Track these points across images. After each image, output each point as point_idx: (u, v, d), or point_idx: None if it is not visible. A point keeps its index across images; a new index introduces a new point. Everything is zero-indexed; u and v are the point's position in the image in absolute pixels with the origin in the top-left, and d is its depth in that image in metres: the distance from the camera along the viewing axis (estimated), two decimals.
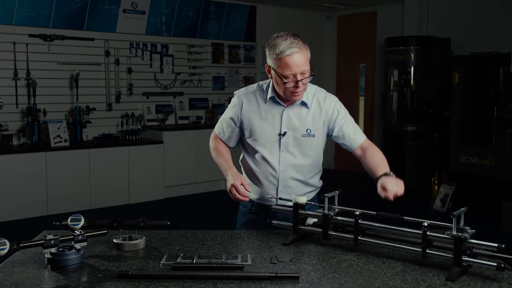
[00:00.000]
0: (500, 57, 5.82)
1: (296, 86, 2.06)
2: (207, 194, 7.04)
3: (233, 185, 2.09)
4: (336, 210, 1.96)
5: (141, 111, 6.94)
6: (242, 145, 2.35)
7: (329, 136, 2.29)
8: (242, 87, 2.41)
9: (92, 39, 6.46)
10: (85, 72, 6.35)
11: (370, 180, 2.56)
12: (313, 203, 2.21)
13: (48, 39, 6.11)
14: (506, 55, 5.76)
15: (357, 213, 1.85)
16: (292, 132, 2.19)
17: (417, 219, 1.76)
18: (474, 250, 1.63)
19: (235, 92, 2.33)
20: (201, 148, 6.96)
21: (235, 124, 2.28)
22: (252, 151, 2.26)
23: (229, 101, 2.41)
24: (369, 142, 2.29)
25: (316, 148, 2.26)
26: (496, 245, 1.60)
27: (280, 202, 2.19)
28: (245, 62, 7.99)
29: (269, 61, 2.10)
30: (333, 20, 8.91)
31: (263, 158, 2.23)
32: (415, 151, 6.88)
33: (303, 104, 2.20)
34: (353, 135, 2.24)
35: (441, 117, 6.67)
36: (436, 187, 6.42)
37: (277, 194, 2.24)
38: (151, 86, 7.07)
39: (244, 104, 2.24)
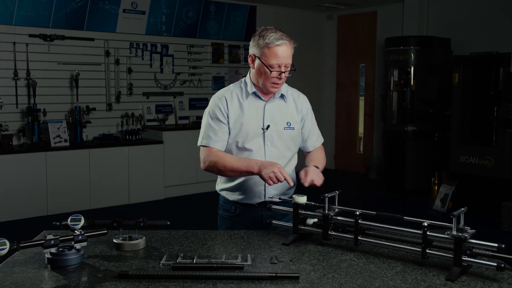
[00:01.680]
0: (500, 57, 5.82)
1: (279, 77, 2.15)
2: (207, 194, 7.03)
3: (277, 167, 2.04)
4: (336, 210, 1.96)
5: (141, 111, 6.94)
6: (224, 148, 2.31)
7: None
8: None
9: (92, 39, 6.46)
10: (85, 72, 6.36)
11: (370, 180, 2.56)
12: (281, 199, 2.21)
13: (48, 39, 6.11)
14: (506, 55, 5.76)
15: (357, 213, 1.85)
16: (275, 125, 2.26)
17: (417, 219, 1.76)
18: (474, 250, 1.63)
19: (213, 96, 2.31)
20: None
21: (225, 119, 2.23)
22: (237, 148, 2.25)
23: None
24: (321, 147, 2.48)
25: (295, 141, 2.34)
26: (496, 245, 1.60)
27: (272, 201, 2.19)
28: (245, 62, 7.98)
29: (255, 50, 2.18)
30: (333, 20, 8.91)
31: (249, 153, 2.24)
32: (415, 151, 6.88)
33: (281, 97, 2.30)
34: (315, 139, 2.43)
35: (441, 117, 6.67)
36: (436, 187, 6.42)
37: (264, 189, 2.25)
38: (151, 86, 7.08)
39: (228, 101, 2.25)
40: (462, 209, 1.69)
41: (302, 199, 1.99)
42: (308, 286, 1.55)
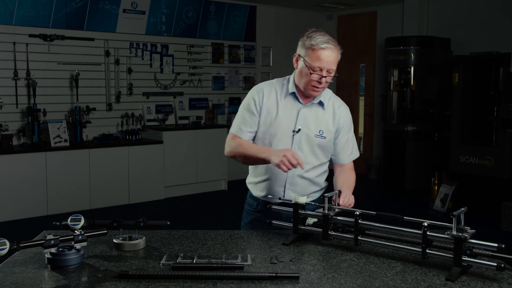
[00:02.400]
0: (500, 57, 5.82)
1: (319, 81, 2.11)
2: (207, 194, 7.04)
3: (290, 151, 2.01)
4: (336, 210, 1.96)
5: (141, 111, 6.94)
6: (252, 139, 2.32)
7: None
8: (242, 87, 2.43)
9: (92, 39, 6.46)
10: (85, 72, 6.35)
11: (370, 180, 2.56)
12: (313, 203, 2.20)
13: (48, 39, 6.11)
14: (506, 55, 5.76)
15: (357, 213, 1.85)
16: (306, 130, 2.22)
17: (417, 219, 1.76)
18: (474, 250, 1.63)
19: (253, 92, 2.29)
20: (201, 148, 6.97)
21: (257, 113, 2.23)
22: (263, 145, 2.25)
23: (229, 101, 2.42)
24: (352, 166, 2.40)
25: (325, 150, 2.29)
26: (496, 245, 1.60)
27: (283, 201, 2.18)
28: (245, 62, 7.98)
29: (300, 50, 2.15)
30: (333, 20, 8.90)
31: None
32: (415, 151, 6.88)
33: (320, 104, 2.25)
34: (348, 154, 2.35)
35: (441, 117, 6.67)
36: (436, 187, 6.42)
37: (284, 191, 2.25)
38: (151, 86, 7.07)
39: (265, 95, 2.24)
40: (462, 209, 1.69)
41: (302, 199, 1.99)
42: (308, 286, 1.55)
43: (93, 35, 6.46)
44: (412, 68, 6.88)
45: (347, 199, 2.10)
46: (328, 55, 2.08)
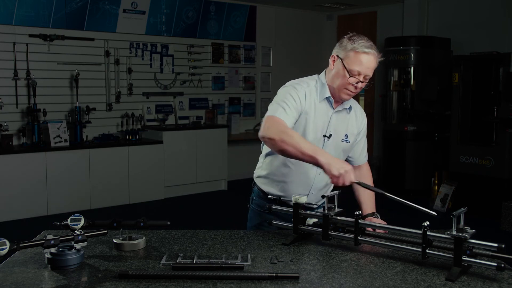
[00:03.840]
0: (500, 57, 5.82)
1: (355, 85, 2.08)
2: (207, 194, 7.04)
3: (350, 169, 1.89)
4: (336, 210, 1.96)
5: (141, 111, 6.94)
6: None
7: None
8: (242, 87, 2.41)
9: (92, 39, 6.46)
10: (85, 72, 6.35)
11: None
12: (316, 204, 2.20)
13: (48, 39, 6.11)
14: (506, 55, 5.76)
15: (357, 213, 1.85)
16: (335, 135, 2.21)
17: (400, 199, 1.74)
18: (474, 250, 1.63)
19: (290, 84, 2.17)
20: (201, 148, 6.97)
21: (299, 107, 2.10)
22: None
23: (229, 101, 2.40)
24: (367, 166, 2.44)
25: (346, 153, 2.31)
26: (496, 245, 1.60)
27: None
28: (245, 62, 7.98)
29: (340, 52, 2.11)
30: (333, 20, 8.90)
31: None
32: (415, 151, 6.88)
33: (348, 108, 2.24)
34: (363, 155, 2.39)
35: (441, 117, 6.67)
36: (436, 187, 6.42)
37: (307, 196, 2.18)
38: (151, 86, 7.07)
39: (307, 95, 2.15)
40: (462, 209, 1.69)
41: (302, 199, 1.99)
42: (308, 286, 1.55)
43: (93, 35, 6.46)
44: (412, 68, 6.88)
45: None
46: (370, 60, 2.06)
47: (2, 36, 5.81)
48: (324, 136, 2.18)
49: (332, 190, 2.12)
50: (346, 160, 2.32)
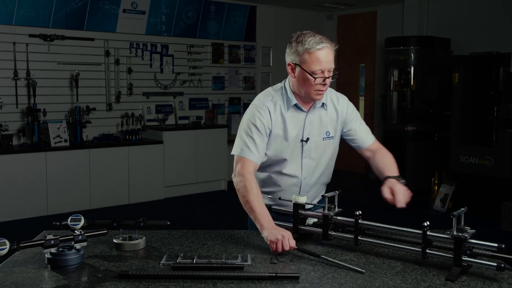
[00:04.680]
0: (500, 57, 5.81)
1: (323, 83, 2.01)
2: (207, 194, 7.04)
3: (287, 234, 1.82)
4: (336, 210, 1.96)
5: (141, 111, 6.94)
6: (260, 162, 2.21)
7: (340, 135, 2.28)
8: (242, 87, 2.41)
9: (92, 39, 6.46)
10: (85, 72, 6.35)
11: (370, 180, 2.55)
12: (314, 204, 2.20)
13: (48, 39, 6.11)
14: (506, 55, 5.76)
15: (357, 213, 1.85)
16: (313, 137, 2.16)
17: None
18: (474, 250, 1.63)
19: (254, 103, 2.15)
20: (201, 148, 6.97)
21: (265, 133, 2.10)
22: (273, 162, 2.17)
23: (229, 101, 2.40)
24: (379, 144, 2.30)
25: (333, 149, 2.26)
26: (496, 245, 1.60)
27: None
28: (245, 62, 7.98)
29: (294, 58, 2.02)
30: (333, 20, 8.91)
31: (285, 167, 2.16)
32: (415, 151, 6.88)
33: (322, 105, 2.17)
34: (365, 135, 2.27)
35: (441, 117, 6.67)
36: (436, 187, 6.42)
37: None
38: (151, 86, 7.07)
39: (271, 112, 2.10)
40: (462, 209, 1.69)
41: (302, 199, 1.99)
42: (308, 286, 1.55)
43: (93, 35, 6.46)
44: (412, 68, 6.87)
45: (402, 196, 1.94)
46: (326, 54, 1.98)
47: (2, 36, 5.81)
48: (302, 141, 2.15)
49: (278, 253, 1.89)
50: (353, 146, 2.28)
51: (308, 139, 2.14)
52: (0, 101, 5.70)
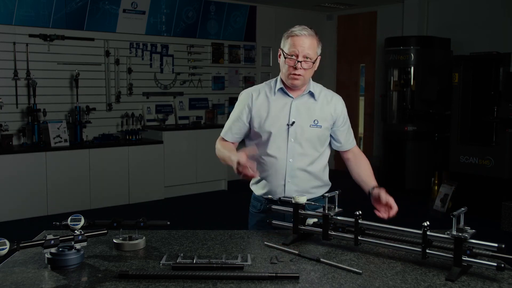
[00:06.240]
0: (500, 57, 5.81)
1: (295, 67, 2.15)
2: (207, 194, 7.04)
3: (238, 162, 2.00)
4: (336, 210, 1.96)
5: (141, 111, 6.94)
6: (248, 139, 2.37)
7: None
8: (242, 87, 2.47)
9: (92, 39, 6.46)
10: (85, 72, 6.35)
11: None
12: (312, 203, 2.20)
13: (48, 39, 6.11)
14: (506, 55, 5.76)
15: (357, 213, 1.85)
16: (300, 122, 2.24)
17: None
18: (474, 250, 1.63)
19: (242, 92, 2.38)
20: (201, 148, 6.97)
21: (246, 118, 2.29)
22: (260, 144, 2.28)
23: (229, 101, 2.46)
24: (358, 149, 2.46)
25: (322, 140, 2.31)
26: (496, 245, 1.60)
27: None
28: (245, 62, 7.99)
29: (281, 44, 2.24)
30: (333, 20, 8.91)
31: (271, 148, 2.26)
32: (415, 151, 6.88)
33: (311, 95, 2.28)
34: (350, 138, 2.40)
35: (441, 117, 6.67)
36: (436, 187, 6.42)
37: (284, 185, 2.26)
38: (151, 86, 7.07)
39: (254, 97, 2.29)
40: (462, 209, 1.69)
41: (302, 199, 1.99)
42: (308, 286, 1.55)
43: (93, 35, 6.46)
44: (412, 68, 6.87)
45: (394, 210, 2.11)
46: (303, 40, 2.14)
47: (2, 36, 5.81)
48: (287, 124, 2.24)
49: (255, 180, 2.32)
50: (334, 146, 2.38)
51: (293, 122, 2.23)
52: (0, 101, 5.70)
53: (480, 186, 5.83)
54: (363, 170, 2.35)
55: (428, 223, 1.70)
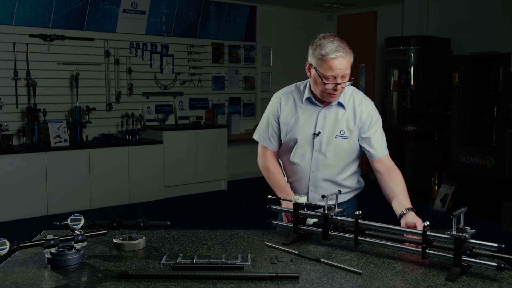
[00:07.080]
0: (500, 57, 5.81)
1: (335, 88, 2.11)
2: (207, 194, 7.04)
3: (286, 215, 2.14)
4: (336, 210, 1.96)
5: (141, 111, 6.94)
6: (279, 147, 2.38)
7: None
8: (242, 87, 2.45)
9: (92, 39, 6.46)
10: (85, 72, 6.35)
11: (370, 180, 2.56)
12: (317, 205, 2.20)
13: (48, 39, 6.11)
14: (506, 55, 5.76)
15: (357, 213, 1.85)
16: (326, 132, 2.21)
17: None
18: (474, 250, 1.63)
19: (273, 99, 2.35)
20: (201, 148, 6.97)
21: (275, 121, 2.30)
22: (286, 150, 2.30)
23: (229, 101, 2.45)
24: (392, 162, 2.25)
25: (349, 150, 2.24)
26: (496, 245, 1.59)
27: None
28: (245, 62, 7.98)
29: (312, 60, 2.14)
30: (333, 20, 8.90)
31: (296, 155, 2.26)
32: (415, 151, 6.88)
33: (340, 105, 2.23)
34: (379, 146, 2.23)
35: (441, 117, 6.67)
36: (436, 187, 6.42)
37: (307, 194, 2.27)
38: (151, 86, 7.07)
39: (283, 103, 2.28)
40: (462, 209, 1.69)
41: (302, 199, 1.99)
42: (308, 286, 1.55)
43: (93, 35, 6.46)
44: (412, 68, 6.87)
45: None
46: (340, 62, 2.07)
47: (2, 36, 5.81)
48: (314, 134, 2.21)
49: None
50: (366, 154, 2.25)
51: (319, 133, 2.21)
52: (0, 101, 5.70)
53: (480, 186, 5.83)
54: (396, 186, 2.15)
55: (428, 223, 1.70)
